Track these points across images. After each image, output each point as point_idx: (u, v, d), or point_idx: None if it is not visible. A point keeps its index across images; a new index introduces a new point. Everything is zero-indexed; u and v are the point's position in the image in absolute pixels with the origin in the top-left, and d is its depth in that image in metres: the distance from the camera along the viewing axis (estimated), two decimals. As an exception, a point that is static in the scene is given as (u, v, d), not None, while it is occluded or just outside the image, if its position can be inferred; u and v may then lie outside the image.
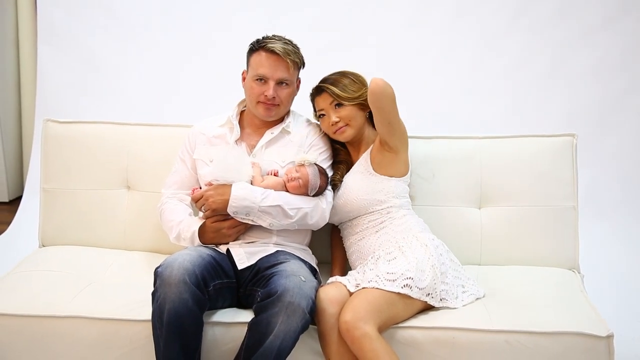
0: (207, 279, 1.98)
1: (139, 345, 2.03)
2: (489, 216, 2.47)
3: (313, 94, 2.34)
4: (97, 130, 2.56)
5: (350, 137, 2.29)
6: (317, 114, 2.35)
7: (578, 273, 2.39)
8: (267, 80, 2.22)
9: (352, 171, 2.31)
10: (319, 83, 2.32)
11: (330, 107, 2.27)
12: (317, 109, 2.33)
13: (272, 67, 2.21)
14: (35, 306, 2.06)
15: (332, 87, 2.27)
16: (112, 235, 2.53)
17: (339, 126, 2.27)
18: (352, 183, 2.26)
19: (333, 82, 2.28)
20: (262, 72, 2.21)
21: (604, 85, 3.70)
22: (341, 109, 2.26)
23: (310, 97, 2.36)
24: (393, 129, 2.17)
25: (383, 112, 2.13)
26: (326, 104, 2.28)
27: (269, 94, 2.21)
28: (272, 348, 1.86)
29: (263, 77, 2.22)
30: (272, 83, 2.22)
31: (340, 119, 2.26)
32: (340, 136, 2.29)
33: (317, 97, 2.32)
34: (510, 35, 3.73)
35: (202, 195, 2.17)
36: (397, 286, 1.99)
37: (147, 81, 3.96)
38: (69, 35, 3.96)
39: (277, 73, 2.21)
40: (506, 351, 1.95)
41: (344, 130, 2.27)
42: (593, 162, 3.63)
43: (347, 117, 2.26)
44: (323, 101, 2.29)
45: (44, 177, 2.54)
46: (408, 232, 2.18)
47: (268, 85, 2.22)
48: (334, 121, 2.26)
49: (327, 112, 2.29)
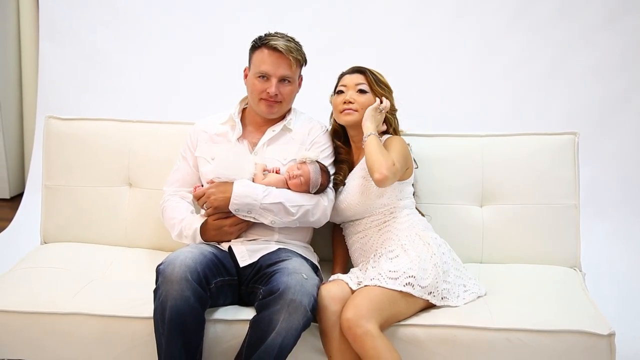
0: (209, 277, 1.98)
1: (140, 342, 2.03)
2: (490, 214, 2.46)
3: (345, 73, 2.34)
4: (99, 127, 2.56)
5: (353, 122, 2.27)
6: (335, 90, 2.34)
7: (579, 271, 2.39)
8: (269, 78, 2.22)
9: (354, 175, 2.29)
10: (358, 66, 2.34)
11: (354, 87, 2.28)
12: (340, 84, 2.33)
13: (274, 64, 2.20)
14: (36, 303, 2.07)
15: (372, 73, 2.29)
16: (114, 233, 2.53)
17: (349, 106, 2.26)
18: (354, 188, 2.25)
19: (373, 70, 2.31)
20: (264, 69, 2.21)
21: (605, 85, 3.70)
22: (362, 94, 2.26)
23: (339, 76, 2.36)
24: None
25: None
26: (352, 82, 2.29)
27: (272, 91, 2.21)
28: (274, 345, 1.86)
29: (265, 74, 2.22)
30: (275, 80, 2.21)
31: (355, 102, 2.26)
32: (344, 117, 2.28)
33: (348, 75, 2.32)
34: (510, 35, 3.73)
35: (204, 192, 2.17)
36: (399, 284, 1.99)
37: (149, 78, 3.96)
38: (70, 32, 3.96)
39: (279, 70, 2.21)
40: (507, 349, 1.95)
41: (350, 112, 2.26)
42: (594, 161, 3.62)
43: (362, 104, 2.25)
44: (351, 79, 2.30)
45: (46, 174, 2.55)
46: (411, 231, 2.18)
47: (270, 83, 2.22)
48: (348, 99, 2.26)
49: (347, 90, 2.29)
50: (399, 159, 2.14)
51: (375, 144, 2.13)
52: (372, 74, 2.30)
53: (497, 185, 2.46)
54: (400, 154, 2.17)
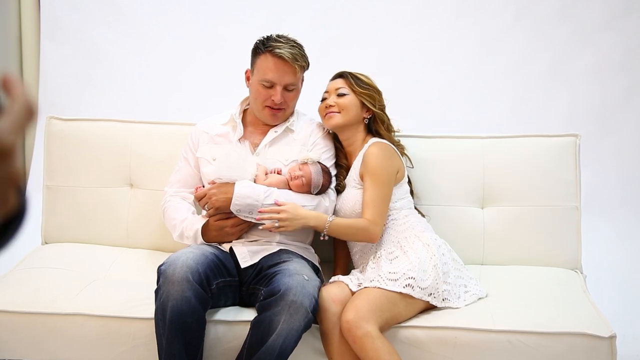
0: (210, 277, 1.98)
1: (141, 342, 2.03)
2: (491, 216, 2.46)
3: (332, 79, 2.35)
4: (101, 127, 2.56)
5: (336, 125, 2.26)
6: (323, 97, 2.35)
7: (580, 273, 2.39)
8: (274, 86, 2.21)
9: (348, 179, 2.29)
10: (340, 71, 2.34)
11: (335, 92, 2.28)
12: (324, 92, 2.33)
13: (280, 72, 2.19)
14: (37, 303, 2.06)
15: (352, 74, 2.29)
16: (115, 233, 2.52)
17: (330, 110, 2.26)
18: (349, 196, 2.24)
19: (354, 72, 2.30)
20: (269, 78, 2.20)
21: (605, 86, 3.70)
22: (343, 97, 2.26)
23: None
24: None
25: None
26: (333, 87, 2.29)
27: (277, 99, 2.20)
28: (275, 347, 1.86)
29: (270, 82, 2.21)
30: (280, 89, 2.20)
31: (335, 104, 2.26)
32: (327, 121, 2.28)
33: (331, 81, 2.33)
34: (511, 35, 3.72)
35: (205, 193, 2.17)
36: (399, 286, 1.99)
37: (151, 79, 3.95)
38: (72, 31, 3.95)
39: (285, 79, 2.20)
40: (508, 351, 1.95)
41: (332, 115, 2.25)
42: (595, 162, 3.62)
43: (343, 105, 2.25)
44: (332, 85, 2.31)
45: (47, 174, 2.54)
46: (410, 232, 2.18)
47: (275, 90, 2.20)
48: (329, 104, 2.26)
49: (329, 96, 2.30)
50: (377, 194, 2.13)
51: (341, 228, 2.13)
52: (352, 77, 2.29)
53: (498, 187, 2.46)
54: (377, 185, 2.14)
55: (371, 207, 2.13)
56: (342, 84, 2.29)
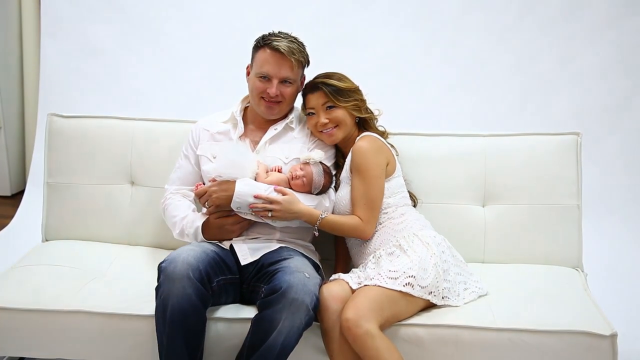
0: (210, 275, 1.98)
1: (142, 340, 2.03)
2: (493, 214, 2.46)
3: (305, 91, 2.28)
4: (101, 125, 2.56)
5: (338, 140, 2.26)
6: (306, 111, 2.29)
7: (582, 272, 2.38)
8: (270, 79, 2.21)
9: (341, 180, 2.28)
10: (314, 79, 2.27)
11: (322, 107, 2.22)
12: (308, 107, 2.27)
13: (276, 65, 2.19)
14: (38, 300, 2.07)
15: (328, 86, 2.21)
16: (116, 230, 2.52)
17: (328, 127, 2.22)
18: (343, 194, 2.23)
19: (330, 82, 2.22)
20: (265, 70, 2.21)
21: (609, 85, 3.70)
22: (333, 110, 2.22)
23: (302, 93, 2.30)
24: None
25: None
26: (318, 103, 2.22)
27: (272, 92, 2.21)
28: (276, 344, 1.86)
29: (267, 75, 2.21)
30: (276, 81, 2.21)
31: (330, 121, 2.22)
32: (328, 138, 2.25)
33: (310, 94, 2.25)
34: (515, 34, 3.72)
35: (206, 191, 2.16)
36: (399, 284, 1.98)
37: (152, 76, 3.96)
38: (72, 29, 3.95)
39: (281, 72, 2.20)
40: (509, 349, 1.95)
41: (332, 132, 2.23)
42: (598, 160, 3.62)
43: (338, 119, 2.22)
44: (316, 100, 2.23)
45: (48, 171, 2.54)
46: (408, 231, 2.17)
47: (271, 83, 2.21)
48: (323, 122, 2.22)
49: (317, 112, 2.23)
50: (367, 190, 2.13)
51: (333, 224, 2.15)
52: (330, 92, 2.19)
53: (499, 185, 2.46)
54: (366, 181, 2.14)
55: (361, 204, 2.14)
56: (324, 98, 2.21)
